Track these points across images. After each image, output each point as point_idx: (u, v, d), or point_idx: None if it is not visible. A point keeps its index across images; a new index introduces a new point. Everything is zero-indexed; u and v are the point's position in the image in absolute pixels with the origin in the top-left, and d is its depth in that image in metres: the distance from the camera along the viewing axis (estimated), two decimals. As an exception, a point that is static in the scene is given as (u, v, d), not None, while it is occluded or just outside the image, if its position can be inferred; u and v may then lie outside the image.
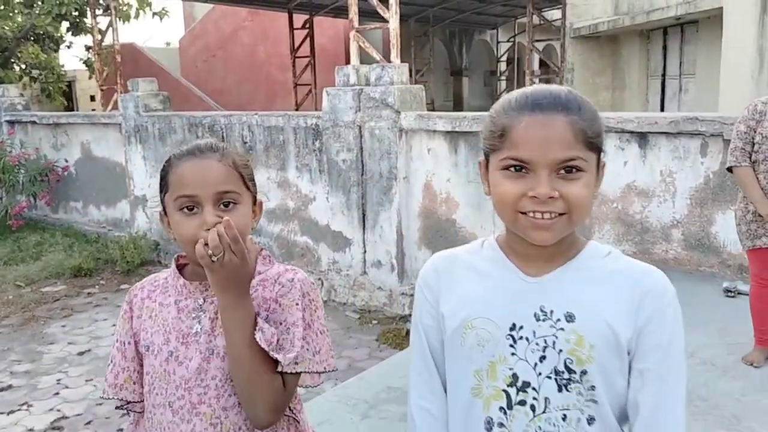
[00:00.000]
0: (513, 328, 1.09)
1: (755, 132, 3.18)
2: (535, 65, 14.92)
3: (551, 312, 1.08)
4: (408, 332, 6.31)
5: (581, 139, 1.02)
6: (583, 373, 1.05)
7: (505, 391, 1.09)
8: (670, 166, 4.94)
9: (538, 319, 1.08)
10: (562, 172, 1.02)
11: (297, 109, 14.58)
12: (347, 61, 13.46)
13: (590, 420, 1.06)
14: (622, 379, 1.07)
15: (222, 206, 1.27)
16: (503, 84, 20.94)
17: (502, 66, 20.91)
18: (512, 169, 1.05)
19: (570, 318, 1.06)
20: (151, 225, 8.94)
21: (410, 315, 6.54)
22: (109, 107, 10.72)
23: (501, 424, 1.09)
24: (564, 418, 1.06)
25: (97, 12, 11.10)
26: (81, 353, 5.83)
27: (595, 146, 1.05)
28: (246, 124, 7.57)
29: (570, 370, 1.05)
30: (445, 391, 1.20)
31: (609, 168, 5.20)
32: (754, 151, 3.19)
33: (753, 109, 3.21)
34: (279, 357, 1.24)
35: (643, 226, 5.09)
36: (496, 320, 1.10)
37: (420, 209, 6.30)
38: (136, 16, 14.79)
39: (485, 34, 20.86)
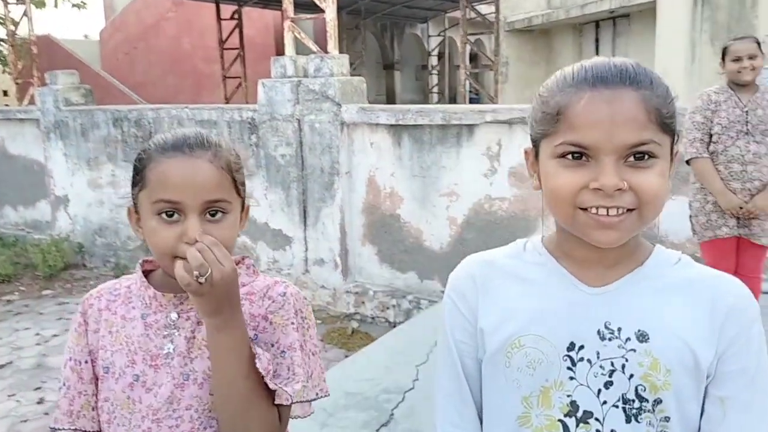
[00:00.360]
0: (571, 347, 0.92)
1: (712, 123, 3.19)
2: (467, 59, 14.97)
3: (619, 330, 0.91)
4: (354, 331, 6.18)
5: (655, 118, 0.85)
6: (657, 402, 0.89)
7: (561, 421, 0.92)
8: (613, 158, 4.96)
9: (602, 338, 0.91)
10: (632, 159, 0.85)
11: (227, 103, 14.14)
12: (278, 54, 13.07)
13: None
14: (696, 407, 0.91)
15: (208, 215, 1.08)
16: (435, 78, 21.02)
17: (433, 60, 20.99)
18: (570, 156, 0.87)
19: (643, 337, 0.90)
20: (74, 226, 8.43)
21: (355, 313, 6.41)
22: (25, 102, 10.05)
23: None
24: None
25: (10, 1, 10.37)
26: (1, 366, 5.39)
27: (669, 128, 0.88)
28: (176, 118, 7.21)
29: (641, 399, 0.89)
30: (480, 418, 1.03)
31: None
32: (712, 141, 3.20)
33: (707, 99, 3.22)
34: (287, 389, 1.06)
35: (587, 217, 5.11)
36: (549, 338, 0.93)
37: (363, 205, 6.15)
38: (55, 5, 13.95)
39: (416, 28, 20.88)
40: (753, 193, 3.17)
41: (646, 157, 0.86)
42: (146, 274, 1.20)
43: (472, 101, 16.94)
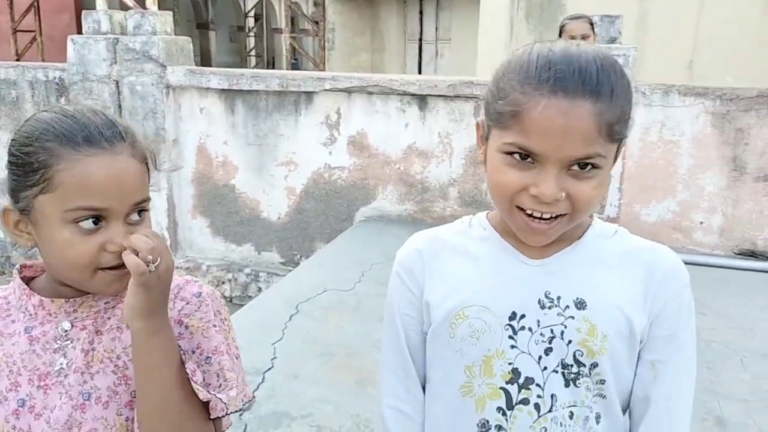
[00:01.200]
0: (513, 317, 0.96)
1: None
2: (290, 23, 14.60)
3: (558, 298, 0.95)
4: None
5: (606, 132, 0.86)
6: (594, 365, 0.94)
7: (503, 389, 0.95)
8: (447, 128, 5.14)
9: (543, 307, 0.95)
10: (575, 168, 0.87)
11: (18, 60, 12.53)
12: (78, 7, 11.80)
13: (597, 417, 0.96)
14: (630, 371, 0.97)
15: (137, 215, 0.93)
16: (252, 41, 20.36)
17: (251, 22, 20.29)
18: (517, 156, 0.88)
19: (581, 305, 0.94)
20: None
21: (186, 289, 6.07)
22: None
23: (499, 427, 0.95)
24: (571, 416, 0.94)
25: None
26: None
27: (620, 136, 0.89)
28: (-37, 75, 6.22)
29: (579, 363, 0.93)
30: (423, 390, 1.06)
31: (391, 131, 5.32)
32: None
33: None
34: (222, 397, 0.94)
35: (423, 185, 5.26)
36: (492, 308, 0.96)
37: (193, 174, 5.79)
38: None
39: (231, -13, 20.01)
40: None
41: (589, 167, 0.88)
42: (26, 282, 0.99)
43: (293, 66, 16.59)
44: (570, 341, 0.93)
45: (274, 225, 5.65)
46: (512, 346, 0.95)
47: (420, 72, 11.56)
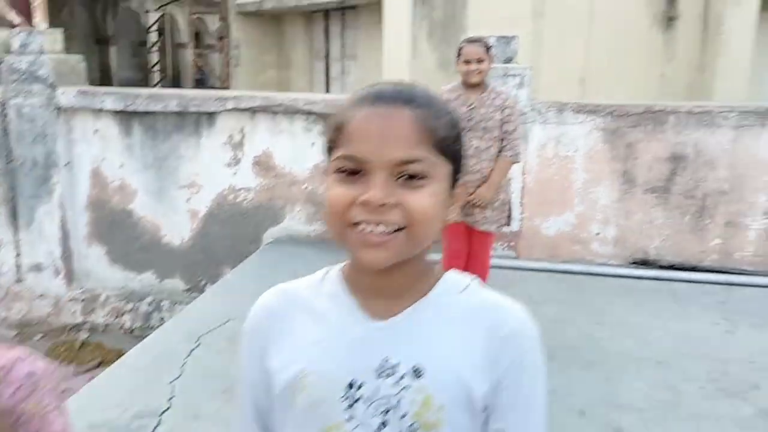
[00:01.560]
0: (351, 386, 0.88)
1: None
2: (194, 39, 14.24)
3: (396, 365, 0.88)
4: (83, 343, 5.54)
5: (428, 138, 0.84)
6: None
7: None
8: (353, 147, 5.13)
9: (380, 375, 0.87)
10: (404, 177, 0.84)
11: None
12: (-36, 21, 11.09)
13: None
14: None
15: None
16: (155, 56, 19.75)
17: (153, 37, 19.68)
18: (346, 171, 0.85)
19: (417, 373, 0.87)
20: None
21: (84, 323, 5.74)
22: None
23: None
24: None
25: None
26: None
27: (447, 152, 0.87)
28: None
29: None
30: None
31: (297, 150, 5.25)
32: None
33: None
34: None
35: (330, 205, 5.22)
36: (330, 378, 0.88)
37: (88, 200, 5.50)
38: None
39: (132, 1, 19.34)
40: (477, 185, 3.49)
41: (418, 177, 0.85)
42: None
43: (198, 82, 16.20)
44: (404, 414, 0.87)
45: (176, 250, 5.45)
46: (350, 418, 0.88)
47: (328, 89, 11.50)
